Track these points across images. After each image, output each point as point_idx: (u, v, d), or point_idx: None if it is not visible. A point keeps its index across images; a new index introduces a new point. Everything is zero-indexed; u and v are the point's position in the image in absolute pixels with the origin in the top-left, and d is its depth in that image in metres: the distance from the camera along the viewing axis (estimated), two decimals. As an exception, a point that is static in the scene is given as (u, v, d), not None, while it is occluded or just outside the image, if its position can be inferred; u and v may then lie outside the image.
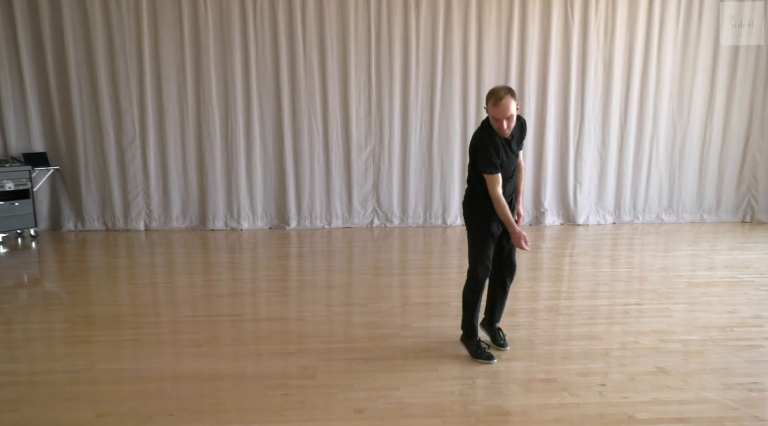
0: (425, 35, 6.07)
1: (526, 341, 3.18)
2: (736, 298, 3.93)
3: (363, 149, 6.26)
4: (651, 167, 6.49)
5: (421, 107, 6.22)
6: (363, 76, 6.12)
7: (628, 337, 3.26)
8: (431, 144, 6.28)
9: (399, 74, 6.12)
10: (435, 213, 6.39)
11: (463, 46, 6.13)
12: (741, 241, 5.70)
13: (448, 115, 6.23)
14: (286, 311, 3.71)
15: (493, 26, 6.11)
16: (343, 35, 6.00)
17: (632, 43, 6.24)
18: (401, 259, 5.11)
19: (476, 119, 6.26)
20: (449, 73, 6.16)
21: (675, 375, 2.81)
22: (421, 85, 6.17)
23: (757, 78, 6.37)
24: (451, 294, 4.06)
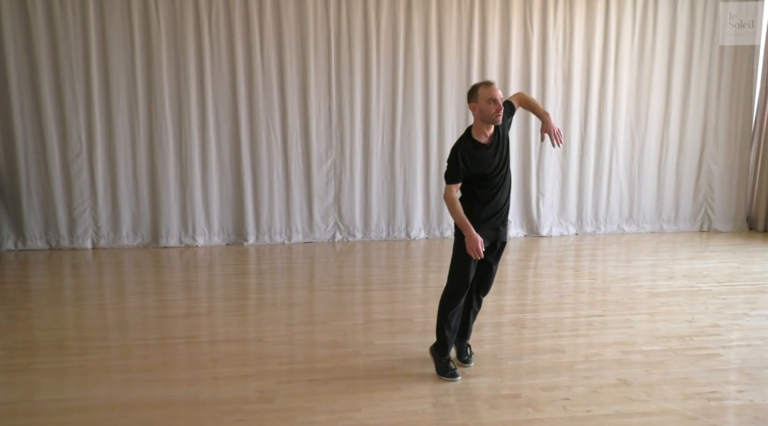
0: (385, 47, 6.14)
1: (491, 356, 3.22)
2: (695, 308, 4.09)
3: (324, 162, 6.25)
4: (611, 178, 6.70)
5: (382, 119, 6.27)
6: (323, 88, 6.13)
7: (591, 350, 3.34)
8: (393, 156, 6.33)
9: (359, 86, 6.16)
10: (398, 226, 6.42)
11: (424, 58, 6.22)
12: (699, 250, 5.94)
13: (410, 127, 6.30)
14: (244, 332, 3.66)
15: (454, 39, 6.24)
16: (302, 46, 6.01)
17: (590, 55, 6.46)
18: (364, 275, 5.11)
19: (438, 131, 6.35)
20: (410, 85, 6.24)
21: (637, 387, 2.89)
22: (383, 97, 6.23)
23: (709, 89, 6.69)
24: (415, 309, 4.08)
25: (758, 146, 6.90)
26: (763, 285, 4.66)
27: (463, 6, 6.22)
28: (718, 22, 6.59)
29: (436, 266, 5.34)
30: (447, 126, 6.35)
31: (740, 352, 3.31)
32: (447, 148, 6.36)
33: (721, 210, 6.88)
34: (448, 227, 6.51)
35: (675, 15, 6.55)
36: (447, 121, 6.34)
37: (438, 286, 4.68)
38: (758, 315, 3.93)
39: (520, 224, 6.64)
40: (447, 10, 6.18)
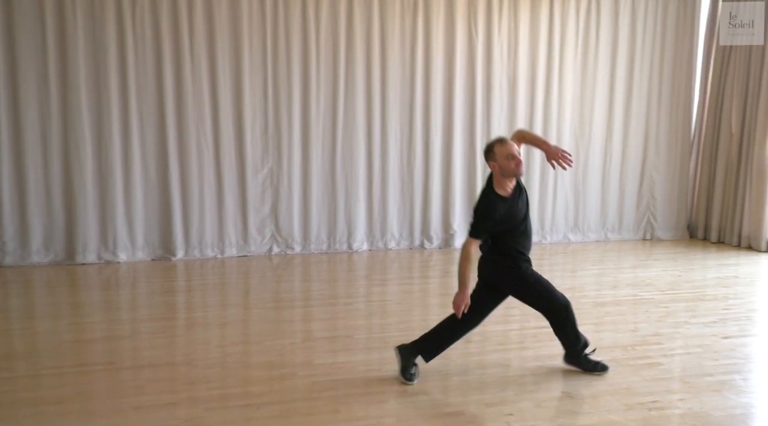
0: (325, 49, 6.17)
1: (436, 372, 3.28)
2: (638, 316, 4.31)
3: (259, 170, 6.19)
4: (557, 187, 6.98)
5: (322, 125, 6.28)
6: (258, 91, 6.08)
7: (537, 363, 3.46)
8: (334, 164, 6.35)
9: (298, 90, 6.15)
10: (340, 238, 6.43)
11: (366, 62, 6.29)
12: (642, 259, 6.26)
13: (352, 134, 6.34)
14: (171, 355, 3.57)
15: (397, 43, 6.34)
16: (236, 47, 5.95)
17: (535, 62, 6.73)
18: (303, 290, 5.09)
19: (381, 138, 6.41)
20: (352, 89, 6.29)
21: (581, 399, 3.02)
22: (323, 102, 6.24)
23: (650, 98, 7.09)
24: (358, 325, 4.10)
25: (697, 155, 7.36)
26: (702, 292, 4.97)
27: (406, 9, 6.34)
28: (657, 31, 7.01)
29: (380, 279, 5.38)
30: (390, 133, 6.43)
31: (680, 361, 3.51)
32: (391, 155, 6.45)
33: (663, 218, 7.29)
34: (391, 238, 6.58)
35: (617, 24, 6.92)
36: (390, 127, 6.42)
37: (382, 300, 4.73)
38: (698, 322, 4.18)
39: (465, 234, 6.75)
40: (390, 13, 6.29)
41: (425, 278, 5.55)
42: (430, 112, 6.50)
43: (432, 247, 6.66)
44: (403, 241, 6.63)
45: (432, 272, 5.78)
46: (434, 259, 6.28)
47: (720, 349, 3.68)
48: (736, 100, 6.81)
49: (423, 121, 6.51)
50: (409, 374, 3.13)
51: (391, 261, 6.15)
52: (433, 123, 6.53)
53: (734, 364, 3.45)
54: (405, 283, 5.31)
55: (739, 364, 3.46)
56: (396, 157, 6.49)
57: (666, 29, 7.04)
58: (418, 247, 6.65)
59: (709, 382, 3.18)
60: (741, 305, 4.63)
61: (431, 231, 6.66)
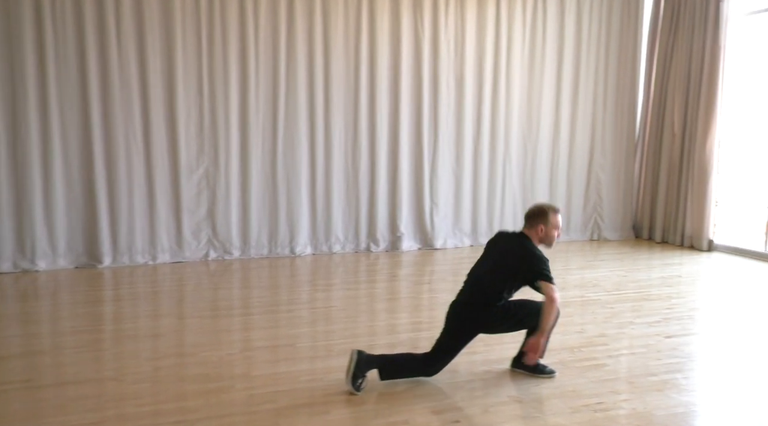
0: (265, 45, 6.11)
1: (379, 382, 3.29)
2: (585, 318, 4.48)
3: (194, 170, 6.07)
4: (505, 187, 7.16)
5: (262, 123, 6.22)
6: (193, 87, 5.96)
7: (485, 367, 3.54)
8: (275, 164, 6.30)
9: (235, 87, 6.07)
10: (281, 242, 6.38)
11: (308, 58, 6.27)
12: (589, 260, 6.50)
13: (294, 132, 6.31)
14: (98, 370, 3.45)
15: (340, 38, 6.35)
16: (168, 39, 5.81)
17: (482, 59, 6.88)
18: (242, 297, 5.04)
19: (325, 136, 6.40)
20: (293, 85, 6.25)
21: (527, 402, 3.12)
22: (262, 99, 6.18)
23: (596, 97, 7.38)
24: (300, 334, 4.08)
25: (642, 155, 7.71)
26: (647, 292, 5.21)
27: (350, 2, 6.36)
28: (602, 30, 7.30)
29: (324, 285, 5.37)
30: (334, 131, 6.44)
31: (625, 361, 3.67)
32: (335, 155, 6.46)
33: (610, 219, 7.59)
34: (336, 242, 6.58)
35: (563, 23, 7.17)
36: (334, 126, 6.43)
37: (326, 307, 4.73)
38: (642, 322, 4.38)
39: (413, 237, 6.87)
40: (333, 5, 6.29)
41: (372, 283, 5.58)
42: (375, 111, 6.54)
43: (378, 251, 6.70)
44: (349, 245, 6.64)
45: (379, 276, 5.81)
46: (381, 262, 6.32)
47: (663, 348, 3.87)
48: (678, 100, 7.17)
49: (368, 120, 6.54)
50: (358, 384, 3.15)
51: (335, 265, 6.14)
52: (379, 122, 6.57)
53: (676, 363, 3.64)
54: (350, 288, 5.32)
55: (681, 362, 3.65)
56: (340, 156, 6.50)
57: (611, 29, 7.35)
58: (364, 250, 6.68)
59: (652, 382, 3.34)
60: (683, 304, 4.88)
61: (378, 234, 6.70)
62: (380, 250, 6.70)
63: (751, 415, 3.05)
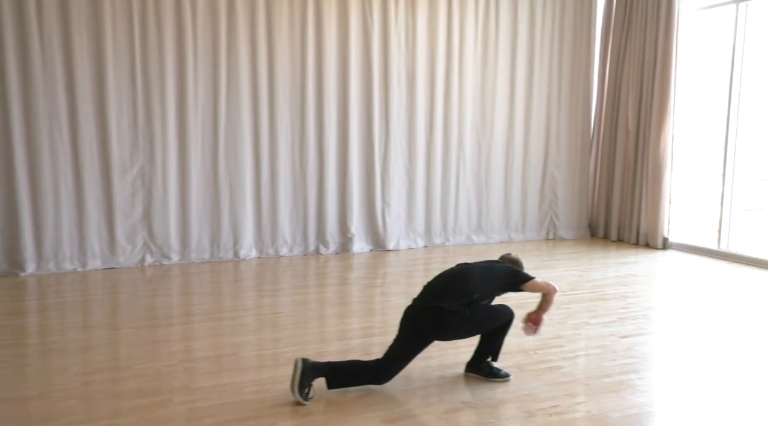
0: (204, 33, 6.00)
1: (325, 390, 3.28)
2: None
3: (128, 169, 5.91)
4: (459, 186, 7.24)
5: (202, 117, 6.11)
6: (125, 77, 5.80)
7: (440, 372, 3.57)
8: (216, 161, 6.20)
9: (172, 78, 5.94)
10: (224, 245, 6.29)
11: (251, 52, 6.18)
12: (545, 259, 6.65)
13: (236, 128, 6.22)
14: (21, 387, 3.33)
15: (285, 30, 6.28)
16: (96, 24, 5.64)
17: (434, 54, 6.94)
18: (182, 305, 4.95)
19: (270, 131, 6.34)
20: (235, 79, 6.16)
21: (482, 408, 3.16)
22: (202, 92, 6.07)
23: (551, 93, 7.56)
24: (245, 342, 4.04)
25: (597, 153, 7.94)
26: (602, 292, 5.36)
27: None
28: (555, 26, 7.48)
29: (271, 290, 5.32)
30: (280, 128, 6.38)
31: (580, 363, 3.77)
32: (281, 153, 6.42)
33: (565, 217, 7.79)
34: (283, 244, 6.52)
35: (516, 18, 7.31)
36: (280, 122, 6.37)
37: (273, 313, 4.70)
38: (597, 323, 4.51)
39: (364, 238, 6.88)
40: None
41: (321, 287, 5.56)
42: (323, 106, 6.52)
43: (328, 253, 6.68)
44: (297, 247, 6.60)
45: (329, 280, 5.79)
46: (331, 265, 6.30)
47: (618, 348, 3.99)
48: (632, 97, 7.42)
49: (316, 116, 6.51)
50: (305, 393, 3.13)
51: (283, 269, 6.09)
52: (327, 118, 6.55)
53: (631, 363, 3.76)
54: (299, 293, 5.28)
55: (636, 363, 3.77)
56: (287, 154, 6.45)
57: (564, 25, 7.53)
58: (313, 253, 6.65)
59: (607, 383, 3.44)
60: (638, 304, 5.05)
61: (327, 235, 6.68)
62: (330, 253, 6.67)
63: (705, 415, 3.18)
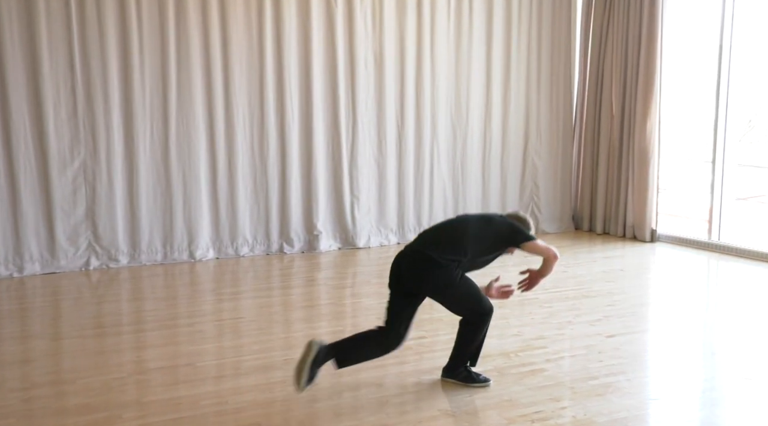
0: (150, 12, 5.89)
1: (302, 398, 3.28)
2: (522, 319, 4.63)
3: (68, 163, 5.81)
4: (434, 176, 7.27)
5: (150, 105, 6.01)
6: (62, 62, 5.68)
7: (411, 379, 3.59)
8: (168, 153, 6.12)
9: (115, 61, 5.83)
10: (178, 245, 6.23)
11: (203, 31, 6.09)
12: (526, 255, 6.70)
13: (189, 115, 6.15)
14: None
15: (241, 7, 6.22)
16: (27, 3, 5.52)
17: (403, 34, 6.92)
18: (133, 311, 4.90)
19: (225, 120, 6.28)
20: (186, 63, 6.07)
21: (460, 416, 3.18)
22: (149, 77, 5.97)
23: (529, 76, 7.61)
24: (203, 351, 4.01)
25: (580, 139, 8.04)
26: (587, 289, 5.44)
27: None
28: (533, 3, 7.53)
29: (231, 293, 5.30)
30: (237, 116, 6.33)
31: (565, 365, 3.82)
32: (239, 144, 6.37)
33: (548, 209, 7.87)
34: (243, 243, 6.48)
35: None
36: (237, 110, 6.32)
37: (234, 318, 4.68)
38: (581, 322, 4.58)
39: (332, 235, 6.87)
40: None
41: (286, 289, 5.54)
42: (284, 92, 6.47)
43: (293, 252, 6.65)
44: (258, 246, 6.56)
45: (294, 281, 5.78)
46: (296, 265, 6.28)
47: (604, 349, 4.06)
48: (616, 79, 7.52)
49: (276, 103, 6.47)
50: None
51: (243, 270, 6.06)
52: (289, 105, 6.51)
53: (619, 364, 3.82)
54: (261, 296, 5.26)
55: (623, 363, 3.83)
56: (245, 145, 6.40)
57: (542, 3, 7.58)
58: (276, 252, 6.62)
59: (593, 386, 3.50)
60: (625, 300, 5.14)
61: (291, 233, 6.66)
62: (295, 252, 6.65)
63: (697, 418, 3.25)
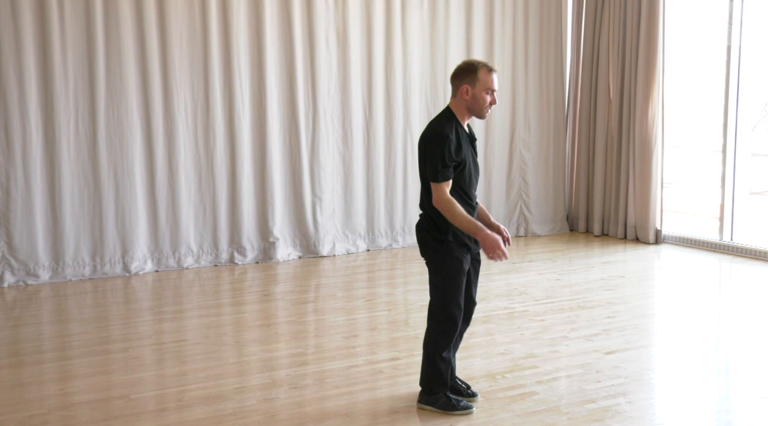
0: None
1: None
2: (510, 335, 4.67)
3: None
4: (408, 173, 7.30)
5: (74, 93, 5.96)
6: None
7: (382, 406, 3.60)
8: (96, 152, 6.09)
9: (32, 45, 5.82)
10: (110, 257, 6.20)
11: (136, 5, 6.09)
12: (516, 261, 6.79)
13: (121, 107, 6.13)
14: None
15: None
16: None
17: (370, 9, 6.94)
18: (57, 335, 4.85)
19: (164, 111, 6.25)
20: (117, 45, 6.05)
21: (439, 449, 3.21)
22: (72, 62, 5.93)
23: (516, 59, 7.68)
24: (140, 380, 3.99)
25: (573, 129, 8.14)
26: (583, 299, 5.51)
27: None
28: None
29: (173, 312, 5.28)
30: (178, 107, 6.33)
31: (558, 387, 3.85)
32: (180, 138, 6.34)
33: (539, 209, 7.95)
34: (187, 253, 6.45)
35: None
36: (177, 99, 6.31)
37: (176, 340, 4.66)
38: (578, 337, 4.63)
39: (291, 242, 6.87)
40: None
41: (238, 306, 5.52)
42: (232, 77, 6.47)
43: (246, 262, 6.64)
44: (205, 257, 6.54)
45: (247, 296, 5.76)
46: (249, 277, 6.27)
47: (603, 367, 4.10)
48: (613, 59, 7.62)
49: (223, 90, 6.47)
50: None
51: (187, 285, 6.04)
52: (239, 93, 6.50)
53: (619, 384, 3.86)
54: (209, 314, 5.25)
55: (624, 384, 3.88)
56: (188, 140, 6.39)
57: (530, -29, 7.68)
58: (226, 263, 6.60)
59: (590, 411, 3.53)
60: (627, 311, 5.20)
61: (243, 240, 6.65)
62: (248, 262, 6.64)
63: (704, 441, 3.31)
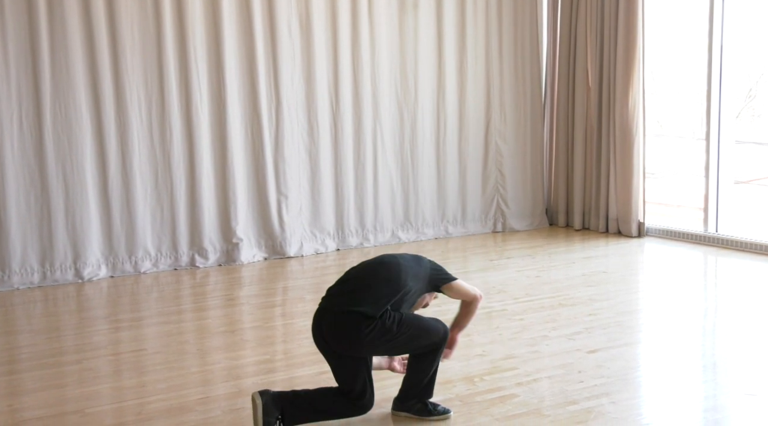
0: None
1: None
2: (488, 336, 4.72)
3: None
4: (378, 167, 7.32)
5: (17, 83, 5.90)
6: None
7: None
8: (42, 147, 6.02)
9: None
10: (60, 262, 6.15)
11: None
12: (493, 258, 6.85)
13: (68, 101, 6.08)
14: None
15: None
16: None
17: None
18: (3, 348, 4.80)
19: (116, 103, 6.23)
20: (62, 28, 5.98)
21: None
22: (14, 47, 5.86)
23: (489, 44, 7.72)
24: (96, 393, 3.98)
25: (551, 118, 8.20)
26: (564, 296, 5.57)
27: None
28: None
29: (130, 319, 5.26)
30: (131, 98, 6.29)
31: (539, 388, 3.90)
32: (134, 134, 6.37)
33: (516, 203, 8.01)
34: (145, 257, 6.42)
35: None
36: (130, 90, 6.28)
37: (134, 350, 4.67)
38: (559, 336, 4.69)
39: (255, 243, 6.86)
40: None
41: (200, 311, 5.52)
42: (189, 68, 6.44)
43: (208, 265, 6.62)
44: (163, 260, 6.51)
45: (210, 301, 5.75)
46: (212, 281, 6.26)
47: (585, 367, 4.16)
48: (591, 44, 7.69)
49: (179, 82, 6.45)
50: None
51: (145, 290, 6.01)
52: (196, 84, 6.48)
53: (602, 384, 3.92)
54: (168, 321, 5.24)
55: (608, 383, 3.94)
56: (142, 135, 6.36)
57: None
58: (186, 266, 6.58)
59: (572, 413, 3.58)
60: (609, 308, 5.28)
61: (205, 242, 6.62)
62: (210, 265, 6.62)
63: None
